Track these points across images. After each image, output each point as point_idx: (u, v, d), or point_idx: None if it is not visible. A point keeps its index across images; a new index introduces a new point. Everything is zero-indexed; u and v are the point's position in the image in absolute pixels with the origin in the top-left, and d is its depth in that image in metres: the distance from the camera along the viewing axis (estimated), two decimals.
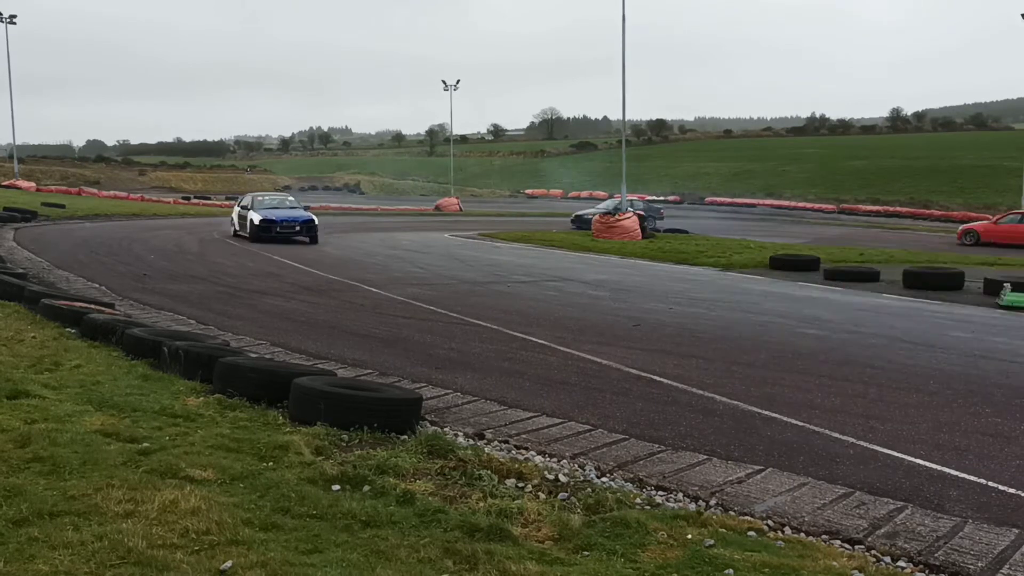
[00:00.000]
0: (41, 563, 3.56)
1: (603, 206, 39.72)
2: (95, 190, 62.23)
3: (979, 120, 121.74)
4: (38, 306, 10.39)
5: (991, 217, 37.94)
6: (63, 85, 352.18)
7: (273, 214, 25.81)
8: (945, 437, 6.54)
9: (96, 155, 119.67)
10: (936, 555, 4.40)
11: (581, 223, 36.69)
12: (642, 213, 32.79)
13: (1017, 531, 4.69)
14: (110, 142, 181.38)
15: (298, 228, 25.43)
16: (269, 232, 24.90)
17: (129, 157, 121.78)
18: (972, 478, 5.61)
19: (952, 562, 4.33)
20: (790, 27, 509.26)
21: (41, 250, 20.93)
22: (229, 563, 3.69)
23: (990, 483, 5.52)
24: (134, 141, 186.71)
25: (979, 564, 4.30)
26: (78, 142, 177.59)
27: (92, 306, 10.65)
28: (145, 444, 5.36)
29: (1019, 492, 5.35)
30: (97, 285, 14.71)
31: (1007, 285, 14.94)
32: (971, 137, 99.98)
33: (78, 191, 58.97)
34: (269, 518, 4.30)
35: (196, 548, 3.85)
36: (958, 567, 4.28)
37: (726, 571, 3.96)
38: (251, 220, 25.58)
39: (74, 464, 4.85)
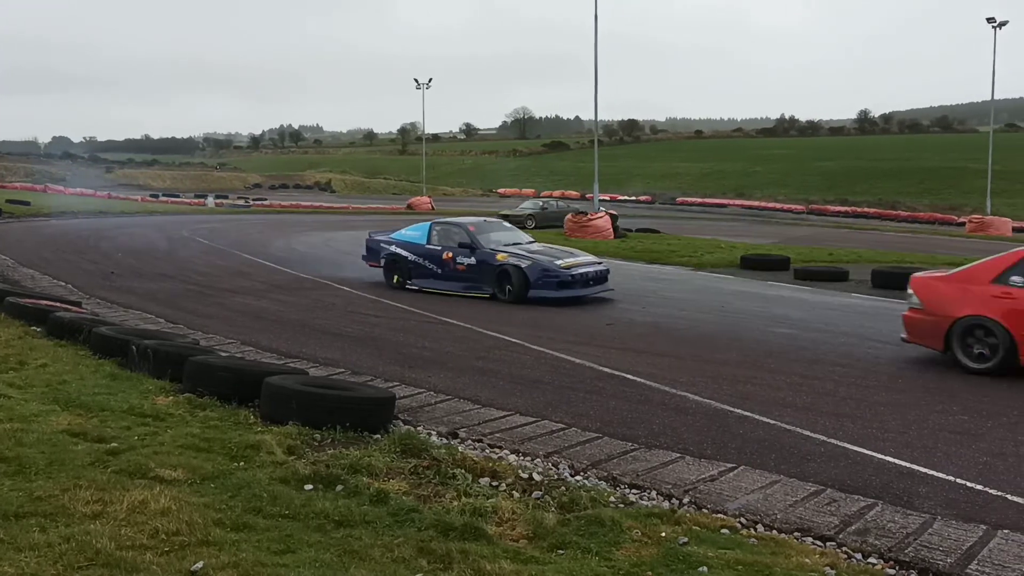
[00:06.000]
0: (7, 565, 3.49)
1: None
2: (61, 187, 61.19)
3: (945, 123, 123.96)
4: (2, 304, 10.22)
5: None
6: (28, 80, 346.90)
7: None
8: (914, 435, 6.62)
9: (62, 152, 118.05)
10: (906, 551, 4.45)
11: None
12: (615, 214, 32.67)
13: (985, 527, 4.76)
14: (76, 139, 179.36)
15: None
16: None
17: (96, 154, 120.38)
18: (941, 475, 5.68)
19: (922, 558, 4.37)
20: (765, 25, 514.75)
21: (5, 248, 20.57)
22: (200, 564, 3.64)
23: (958, 480, 5.58)
24: (101, 138, 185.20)
25: (948, 560, 4.35)
26: (43, 139, 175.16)
27: (58, 304, 10.49)
28: (113, 444, 5.28)
29: (986, 489, 5.41)
30: (63, 283, 14.49)
31: None
32: (937, 139, 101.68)
33: (43, 188, 58.11)
34: (241, 518, 4.25)
35: (166, 549, 3.80)
36: (928, 563, 4.33)
37: (700, 568, 3.97)
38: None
39: (40, 464, 4.76)
